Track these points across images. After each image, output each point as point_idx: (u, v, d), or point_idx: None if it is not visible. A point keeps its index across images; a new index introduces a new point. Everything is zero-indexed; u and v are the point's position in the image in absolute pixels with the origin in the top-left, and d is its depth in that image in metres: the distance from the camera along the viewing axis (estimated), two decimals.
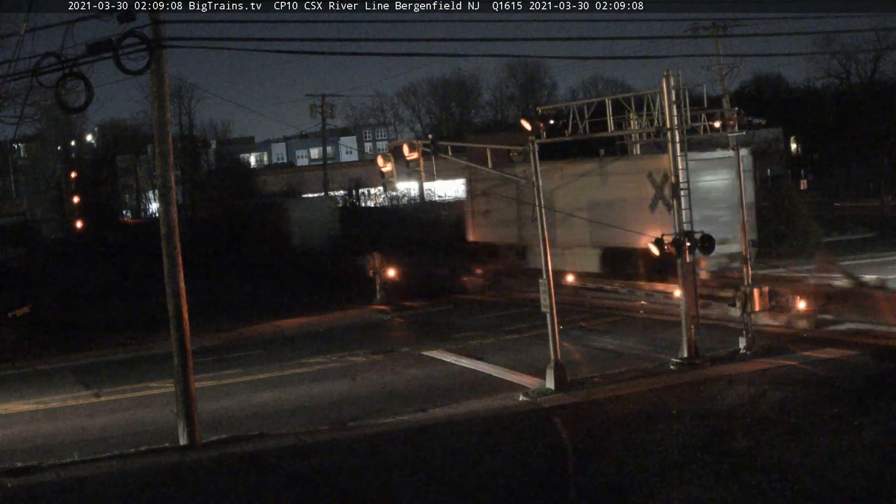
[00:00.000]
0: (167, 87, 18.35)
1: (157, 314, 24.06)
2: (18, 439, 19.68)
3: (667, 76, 23.16)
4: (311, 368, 25.61)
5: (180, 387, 18.30)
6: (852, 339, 24.02)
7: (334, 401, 21.83)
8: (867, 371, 21.02)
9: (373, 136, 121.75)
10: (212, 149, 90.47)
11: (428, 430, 18.83)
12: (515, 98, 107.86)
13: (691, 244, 22.51)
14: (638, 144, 32.68)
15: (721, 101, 38.54)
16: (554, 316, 21.29)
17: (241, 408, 21.59)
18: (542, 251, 21.75)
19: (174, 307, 18.32)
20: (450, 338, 28.59)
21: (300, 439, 18.32)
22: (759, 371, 21.52)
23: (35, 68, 16.62)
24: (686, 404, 19.22)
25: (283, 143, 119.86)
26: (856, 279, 28.72)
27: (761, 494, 14.00)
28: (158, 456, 17.58)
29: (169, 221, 18.30)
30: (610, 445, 16.95)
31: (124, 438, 18.94)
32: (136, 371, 26.60)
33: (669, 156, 23.42)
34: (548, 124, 22.63)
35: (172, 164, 18.61)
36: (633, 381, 21.59)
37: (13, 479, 16.30)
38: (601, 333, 27.85)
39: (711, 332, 25.08)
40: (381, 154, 26.41)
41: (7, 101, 33.08)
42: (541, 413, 19.49)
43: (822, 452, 15.63)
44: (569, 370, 21.46)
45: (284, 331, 32.18)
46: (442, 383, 22.97)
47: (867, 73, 77.34)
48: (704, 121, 25.14)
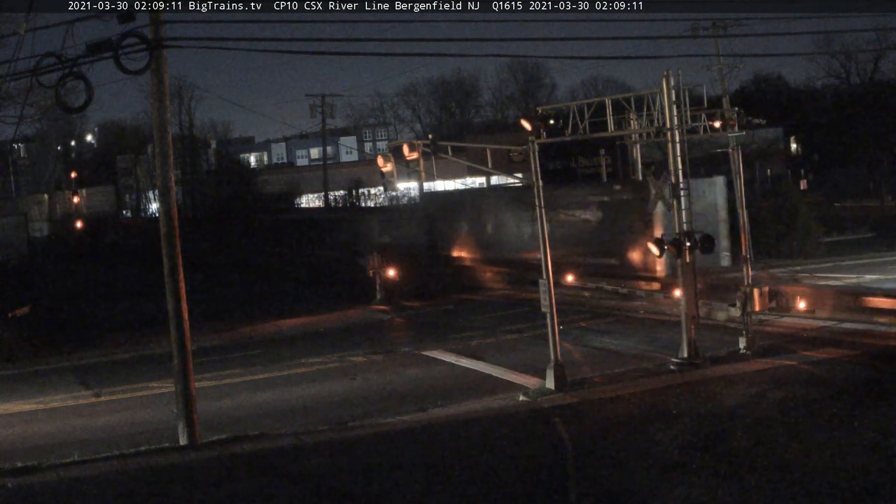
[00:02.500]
0: (167, 87, 18.36)
1: (157, 314, 24.06)
2: (18, 439, 19.69)
3: (667, 76, 23.15)
4: (311, 368, 25.61)
5: (180, 387, 18.31)
6: (852, 339, 24.01)
7: (334, 401, 21.83)
8: (867, 371, 21.01)
9: (373, 136, 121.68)
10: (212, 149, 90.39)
11: (428, 430, 18.83)
12: (515, 98, 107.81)
13: (691, 244, 22.52)
14: (638, 144, 32.67)
15: (721, 101, 38.53)
16: (554, 316, 21.29)
17: (241, 408, 21.59)
18: (541, 251, 21.75)
19: (174, 307, 18.32)
20: (450, 338, 28.59)
21: (300, 439, 18.32)
22: (759, 371, 21.52)
23: (35, 68, 16.61)
24: (686, 404, 19.21)
25: (283, 143, 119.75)
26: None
27: (761, 494, 14.00)
28: (158, 456, 17.57)
29: (169, 221, 18.30)
30: (610, 445, 16.93)
31: (124, 438, 18.93)
32: (136, 371, 26.61)
33: (670, 155, 23.43)
34: (548, 124, 22.63)
35: (172, 164, 18.62)
36: (633, 381, 21.59)
37: (13, 479, 16.30)
38: (601, 333, 27.85)
39: (711, 333, 25.08)
40: (381, 154, 26.41)
41: (7, 101, 33.09)
42: (541, 413, 19.49)
43: (822, 452, 15.63)
44: (569, 370, 21.46)
45: (284, 331, 32.19)
46: (442, 383, 22.97)
47: (867, 73, 77.27)
48: (704, 121, 25.10)
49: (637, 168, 32.71)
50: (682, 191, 22.85)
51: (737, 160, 25.91)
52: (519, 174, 43.23)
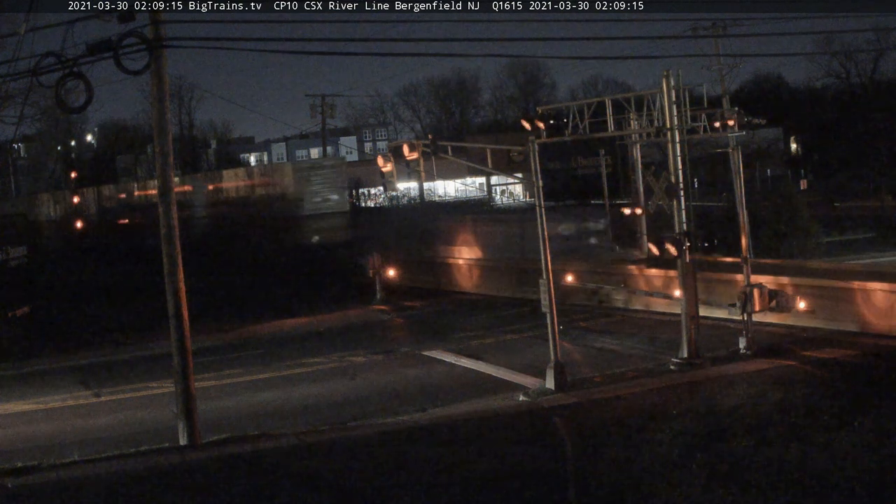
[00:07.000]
0: (167, 87, 18.34)
1: (157, 314, 24.04)
2: (18, 439, 19.67)
3: (667, 76, 23.16)
4: (311, 368, 25.60)
5: (180, 387, 18.30)
6: (852, 339, 24.00)
7: (334, 401, 21.82)
8: (867, 371, 21.00)
9: (373, 136, 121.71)
10: (212, 149, 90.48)
11: (428, 430, 18.82)
12: (515, 98, 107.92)
13: (691, 244, 22.52)
14: (638, 144, 32.70)
15: (721, 101, 38.54)
16: (554, 316, 21.29)
17: (241, 408, 21.58)
18: (541, 251, 21.75)
19: (174, 307, 18.31)
20: (450, 338, 28.58)
21: (300, 439, 18.32)
22: (759, 371, 21.51)
23: (35, 68, 16.62)
24: (686, 404, 19.21)
25: (283, 143, 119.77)
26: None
27: (761, 494, 14.00)
28: (158, 456, 17.56)
29: (169, 221, 18.30)
30: (610, 445, 16.93)
31: (124, 438, 18.91)
32: (136, 371, 26.60)
33: (670, 156, 23.44)
34: (548, 124, 22.64)
35: (172, 164, 18.62)
36: (633, 381, 21.58)
37: (13, 479, 16.28)
38: (601, 333, 27.83)
39: (711, 333, 25.07)
40: (381, 154, 26.45)
41: (7, 101, 33.12)
42: (541, 413, 19.49)
43: (822, 452, 15.63)
44: (569, 370, 21.45)
45: (285, 331, 32.18)
46: (442, 383, 22.97)
47: (867, 73, 77.37)
48: (704, 121, 25.11)
49: (637, 168, 32.72)
50: (681, 190, 22.87)
51: (737, 160, 25.91)
52: (519, 174, 43.26)
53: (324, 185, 48.19)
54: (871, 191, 64.98)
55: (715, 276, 27.59)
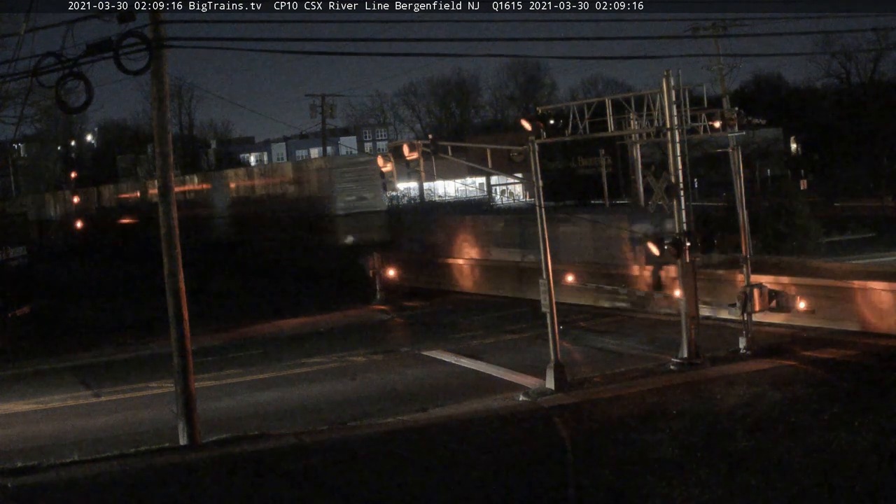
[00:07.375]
0: (167, 87, 18.36)
1: (157, 314, 24.06)
2: (18, 439, 19.68)
3: (667, 76, 23.15)
4: (311, 368, 25.61)
5: (180, 387, 18.30)
6: (852, 338, 24.01)
7: (334, 401, 21.83)
8: (867, 371, 21.00)
9: (373, 136, 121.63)
10: (212, 149, 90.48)
11: (428, 430, 18.83)
12: (515, 98, 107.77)
13: (691, 244, 22.52)
14: (638, 144, 32.69)
15: (721, 101, 38.53)
16: (554, 316, 21.30)
17: (241, 408, 21.59)
18: (541, 251, 21.76)
19: (174, 307, 18.32)
20: (450, 338, 28.58)
21: (300, 439, 18.32)
22: (759, 371, 21.51)
23: (35, 68, 16.62)
24: (686, 404, 19.22)
25: (283, 143, 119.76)
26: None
27: (761, 494, 14.01)
28: (158, 456, 17.58)
29: (169, 221, 18.30)
30: (610, 445, 16.94)
31: (124, 438, 18.94)
32: (136, 371, 26.60)
33: (669, 156, 23.44)
34: (548, 124, 22.64)
35: (172, 164, 18.62)
36: (633, 381, 21.58)
37: (13, 479, 16.30)
38: (601, 333, 27.84)
39: (711, 333, 25.07)
40: (381, 154, 26.46)
41: (7, 101, 33.12)
42: (541, 413, 19.49)
43: (822, 452, 15.64)
44: (569, 370, 21.46)
45: (285, 331, 32.17)
46: (442, 383, 22.97)
47: (867, 73, 77.32)
48: (704, 121, 25.10)
49: (637, 168, 32.70)
50: (681, 190, 22.87)
51: (737, 160, 25.90)
52: (519, 174, 43.25)
53: (357, 182, 47.43)
54: (871, 191, 64.93)
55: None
